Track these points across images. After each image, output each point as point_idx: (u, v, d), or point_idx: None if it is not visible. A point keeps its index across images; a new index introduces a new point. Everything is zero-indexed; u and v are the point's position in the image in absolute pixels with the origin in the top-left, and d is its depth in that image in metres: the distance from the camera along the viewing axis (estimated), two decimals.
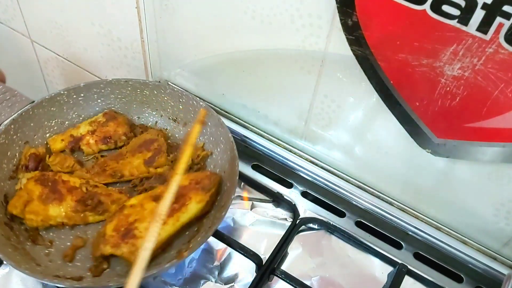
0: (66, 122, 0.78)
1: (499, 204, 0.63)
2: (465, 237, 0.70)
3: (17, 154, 0.71)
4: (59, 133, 0.76)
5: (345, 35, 0.58)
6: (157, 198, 0.65)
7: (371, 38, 0.56)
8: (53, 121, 0.76)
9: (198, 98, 0.76)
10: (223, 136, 0.72)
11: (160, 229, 0.57)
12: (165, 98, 0.79)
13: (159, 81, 0.87)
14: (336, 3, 0.55)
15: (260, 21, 0.64)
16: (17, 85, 1.27)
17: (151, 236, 0.51)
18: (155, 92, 0.79)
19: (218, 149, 0.74)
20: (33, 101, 0.74)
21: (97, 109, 0.79)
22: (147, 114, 0.81)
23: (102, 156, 0.75)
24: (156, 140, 0.75)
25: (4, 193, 0.67)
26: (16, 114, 0.72)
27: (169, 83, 0.86)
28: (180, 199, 0.65)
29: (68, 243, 0.65)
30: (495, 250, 0.68)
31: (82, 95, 0.77)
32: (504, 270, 0.66)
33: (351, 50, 0.59)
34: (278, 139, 0.79)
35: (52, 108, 0.75)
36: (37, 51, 1.07)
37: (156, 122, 0.81)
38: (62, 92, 0.75)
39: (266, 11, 0.63)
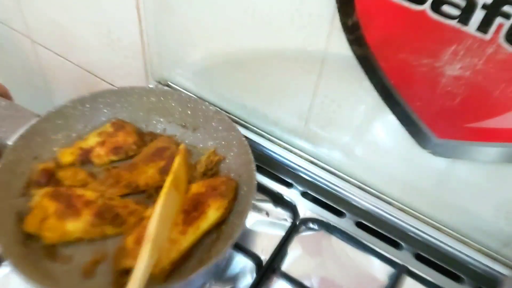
0: (73, 134, 0.75)
1: (499, 205, 0.63)
2: (465, 237, 0.70)
3: (26, 171, 0.69)
4: (67, 147, 0.74)
5: (345, 35, 0.58)
6: None
7: (371, 38, 0.56)
8: (60, 134, 0.74)
9: (207, 103, 0.75)
10: (235, 140, 0.72)
11: (181, 239, 0.60)
12: (173, 104, 0.78)
13: (162, 83, 0.87)
14: (336, 3, 0.55)
15: (260, 21, 0.64)
16: (17, 85, 1.27)
17: (142, 259, 0.51)
18: (162, 99, 0.78)
19: (232, 154, 0.73)
20: (38, 115, 0.72)
21: (103, 119, 0.77)
22: (154, 122, 0.80)
23: (114, 167, 0.73)
24: (168, 147, 0.73)
25: (16, 211, 0.65)
26: (23, 129, 0.69)
27: (170, 84, 0.86)
28: (198, 206, 0.65)
29: (88, 258, 0.63)
30: (495, 251, 0.68)
31: (87, 105, 0.75)
32: (504, 271, 0.66)
33: (351, 50, 0.59)
34: (278, 139, 0.79)
35: (58, 121, 0.73)
36: (37, 51, 1.07)
37: (165, 129, 0.80)
38: (68, 104, 0.73)
39: (266, 11, 0.63)
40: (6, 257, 0.56)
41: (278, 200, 0.76)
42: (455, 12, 0.48)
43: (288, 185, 0.80)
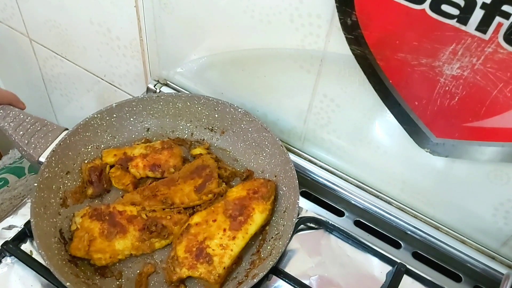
0: (102, 146, 0.75)
1: (498, 204, 0.63)
2: (464, 236, 0.70)
3: (61, 186, 0.69)
4: (94, 159, 0.74)
5: (345, 34, 0.58)
6: (219, 213, 0.66)
7: (370, 37, 0.56)
8: (89, 147, 0.74)
9: (235, 105, 0.75)
10: (267, 140, 0.73)
11: (231, 245, 0.62)
12: (199, 109, 0.77)
13: (160, 82, 0.87)
14: (336, 2, 0.55)
15: (259, 20, 0.64)
16: (15, 84, 1.27)
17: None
18: (188, 104, 0.77)
19: (264, 154, 0.74)
20: (66, 129, 0.72)
21: (130, 127, 0.77)
22: (181, 127, 0.80)
23: (153, 179, 0.73)
24: (208, 166, 0.73)
25: (59, 229, 0.65)
26: (54, 144, 0.69)
27: (169, 83, 0.86)
28: (243, 211, 0.66)
29: (138, 271, 0.63)
30: (494, 250, 0.69)
31: (114, 115, 0.75)
32: (503, 270, 0.66)
33: (351, 49, 0.59)
34: (277, 138, 0.79)
35: (87, 133, 0.73)
36: (35, 50, 1.07)
37: (192, 133, 0.79)
38: (95, 116, 0.73)
39: (266, 10, 0.63)
40: (58, 276, 0.55)
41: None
42: (454, 11, 0.48)
43: None
